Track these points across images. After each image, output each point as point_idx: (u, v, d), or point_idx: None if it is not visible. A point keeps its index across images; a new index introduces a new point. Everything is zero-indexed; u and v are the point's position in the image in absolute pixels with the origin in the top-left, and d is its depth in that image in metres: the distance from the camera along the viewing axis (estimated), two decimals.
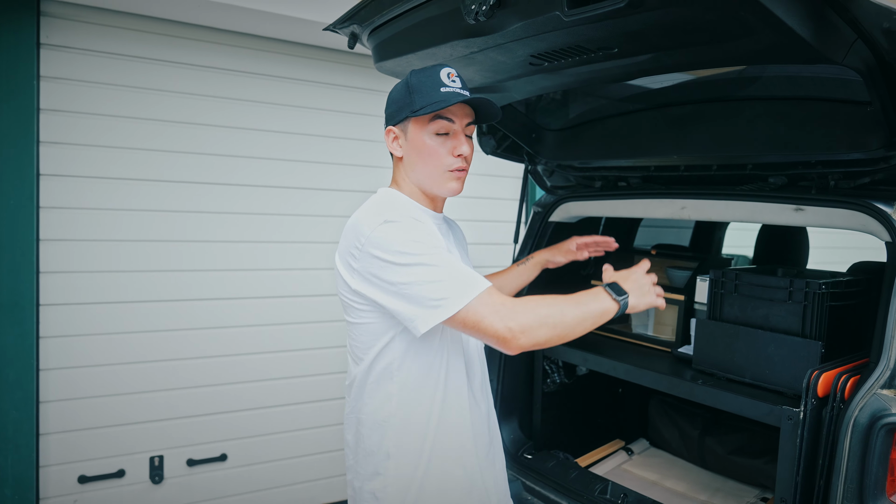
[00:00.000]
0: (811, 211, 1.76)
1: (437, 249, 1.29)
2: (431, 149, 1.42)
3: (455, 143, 1.42)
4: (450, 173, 1.43)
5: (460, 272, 1.28)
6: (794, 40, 1.21)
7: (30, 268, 2.65)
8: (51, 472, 2.78)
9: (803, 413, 1.54)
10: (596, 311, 1.35)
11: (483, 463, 1.52)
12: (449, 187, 1.45)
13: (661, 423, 2.57)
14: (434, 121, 1.41)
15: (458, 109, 1.42)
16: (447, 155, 1.42)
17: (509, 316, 1.24)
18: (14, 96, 2.58)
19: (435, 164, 1.42)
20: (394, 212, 1.33)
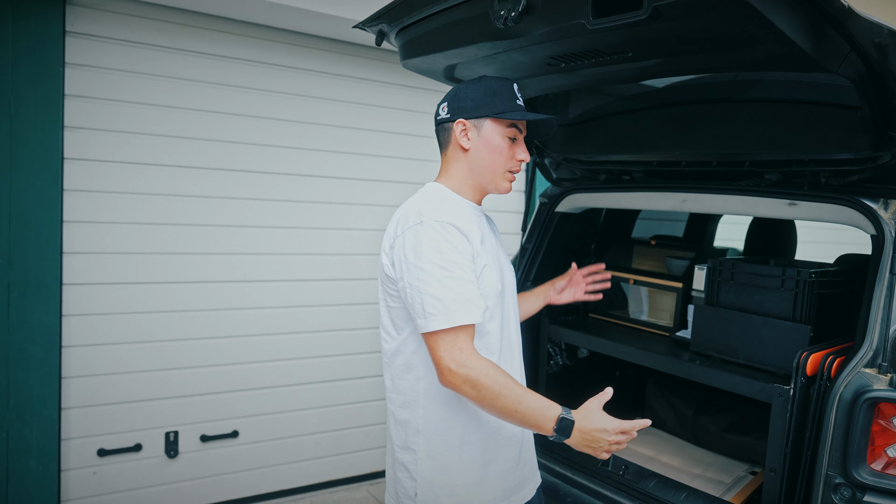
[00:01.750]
0: (803, 206, 1.90)
1: (452, 264, 1.39)
2: (501, 149, 1.56)
3: (519, 150, 1.58)
4: (508, 174, 1.60)
5: (465, 294, 1.39)
6: (794, 51, 1.34)
7: (55, 248, 2.75)
8: (72, 445, 2.89)
9: (793, 390, 1.69)
10: (529, 422, 1.38)
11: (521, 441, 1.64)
12: (503, 186, 1.60)
13: (657, 404, 2.72)
14: (510, 126, 1.57)
15: (522, 123, 1.60)
16: (511, 158, 1.58)
17: (460, 362, 1.36)
18: (41, 82, 2.67)
19: (500, 163, 1.57)
20: (434, 211, 1.45)
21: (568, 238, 2.66)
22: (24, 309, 2.69)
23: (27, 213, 2.68)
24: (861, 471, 1.51)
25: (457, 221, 1.44)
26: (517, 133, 1.58)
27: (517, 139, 1.59)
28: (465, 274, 1.41)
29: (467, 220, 1.49)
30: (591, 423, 1.36)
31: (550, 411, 1.37)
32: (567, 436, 1.36)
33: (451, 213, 1.47)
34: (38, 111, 2.68)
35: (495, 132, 1.56)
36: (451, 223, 1.43)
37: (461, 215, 1.49)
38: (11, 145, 2.63)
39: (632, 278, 2.57)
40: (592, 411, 1.38)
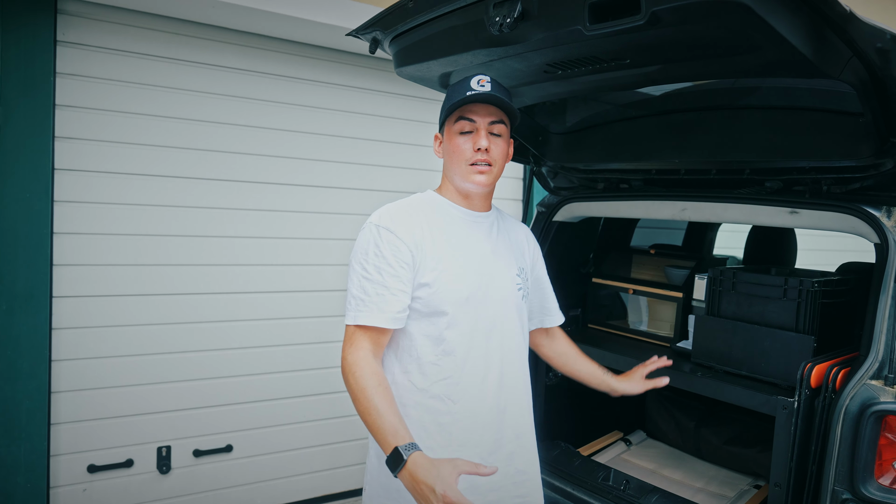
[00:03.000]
0: (805, 214, 1.87)
1: (373, 267, 1.44)
2: (456, 146, 1.54)
3: (476, 139, 1.52)
4: (471, 167, 1.53)
5: (373, 297, 1.43)
6: (795, 57, 1.32)
7: (44, 260, 2.70)
8: (61, 461, 2.83)
9: (797, 403, 1.65)
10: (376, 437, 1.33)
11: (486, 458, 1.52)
12: (473, 180, 1.54)
13: (658, 415, 2.68)
14: (458, 121, 1.54)
15: (480, 109, 1.53)
16: (469, 150, 1.53)
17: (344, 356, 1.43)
18: (32, 92, 2.63)
19: (459, 160, 1.54)
20: (381, 215, 1.50)
21: (566, 248, 2.63)
22: (12, 322, 2.64)
23: (16, 224, 2.63)
24: (869, 486, 1.47)
25: (397, 226, 1.47)
26: (468, 124, 1.53)
27: (474, 131, 1.54)
28: (382, 278, 1.44)
29: (421, 226, 1.50)
30: (422, 475, 1.21)
31: (392, 439, 1.28)
32: (394, 471, 1.26)
33: (398, 216, 1.50)
34: (29, 121, 2.64)
35: (450, 132, 1.57)
36: (388, 227, 1.47)
37: (414, 220, 1.50)
38: (1, 156, 2.58)
39: (631, 288, 2.53)
40: (438, 468, 1.21)
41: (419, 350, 1.50)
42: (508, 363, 1.60)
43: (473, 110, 1.53)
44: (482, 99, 1.51)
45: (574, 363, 1.93)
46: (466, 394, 1.51)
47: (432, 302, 1.48)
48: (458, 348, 1.50)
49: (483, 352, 1.54)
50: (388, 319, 1.44)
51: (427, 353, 1.50)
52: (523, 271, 1.68)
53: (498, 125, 1.55)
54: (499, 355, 1.57)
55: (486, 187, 1.57)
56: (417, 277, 1.47)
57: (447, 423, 1.49)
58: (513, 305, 1.62)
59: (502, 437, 1.57)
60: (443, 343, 1.50)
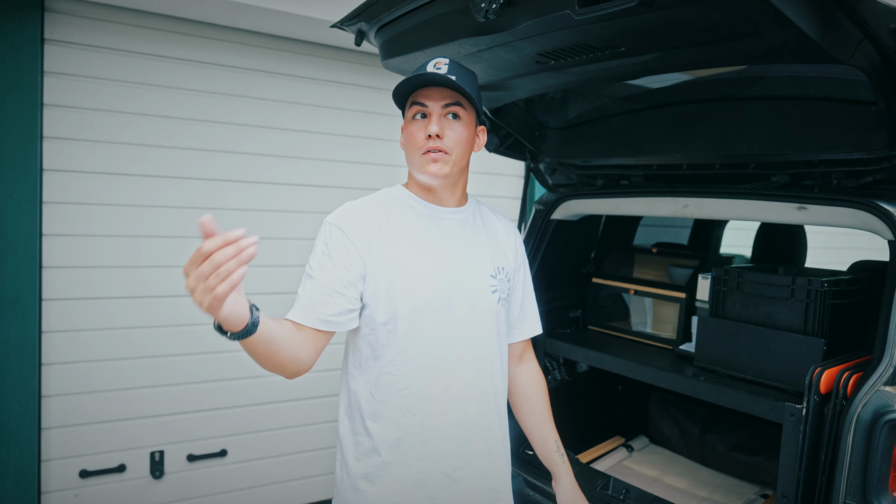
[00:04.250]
0: (814, 210, 1.77)
1: (317, 265, 1.36)
2: (409, 133, 1.43)
3: (426, 125, 1.39)
4: (424, 156, 1.40)
5: (310, 295, 1.34)
6: (801, 40, 1.23)
7: (33, 263, 2.65)
8: (52, 466, 2.78)
9: (806, 409, 1.55)
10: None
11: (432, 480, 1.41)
12: (427, 170, 1.40)
13: (661, 421, 2.59)
14: (411, 107, 1.43)
15: (433, 94, 1.40)
16: (421, 137, 1.40)
17: None
18: (18, 91, 2.58)
19: (413, 149, 1.42)
20: (337, 213, 1.41)
21: (565, 247, 2.54)
22: (0, 326, 2.59)
23: (4, 226, 2.58)
24: (882, 499, 1.38)
25: (350, 226, 1.38)
26: (422, 109, 1.40)
27: (428, 116, 1.40)
28: (324, 278, 1.35)
29: (378, 226, 1.40)
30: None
31: None
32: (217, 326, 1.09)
33: (354, 216, 1.41)
34: (15, 121, 2.58)
35: (406, 120, 1.45)
36: (340, 227, 1.38)
37: (371, 219, 1.41)
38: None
39: (632, 288, 2.44)
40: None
41: (378, 359, 1.40)
42: (480, 371, 1.47)
43: (425, 94, 1.40)
44: (433, 81, 1.37)
45: (531, 415, 1.67)
46: (427, 406, 1.39)
47: (388, 308, 1.37)
48: (417, 356, 1.39)
49: (446, 360, 1.41)
50: (319, 321, 1.33)
51: (386, 363, 1.39)
52: (503, 271, 1.54)
53: (454, 107, 1.41)
54: (467, 364, 1.44)
55: (443, 178, 1.42)
56: (370, 282, 1.37)
57: (409, 436, 1.40)
58: (485, 309, 1.48)
59: (470, 452, 1.45)
60: (401, 351, 1.39)
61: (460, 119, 1.42)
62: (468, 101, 1.43)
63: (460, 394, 1.43)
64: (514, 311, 1.64)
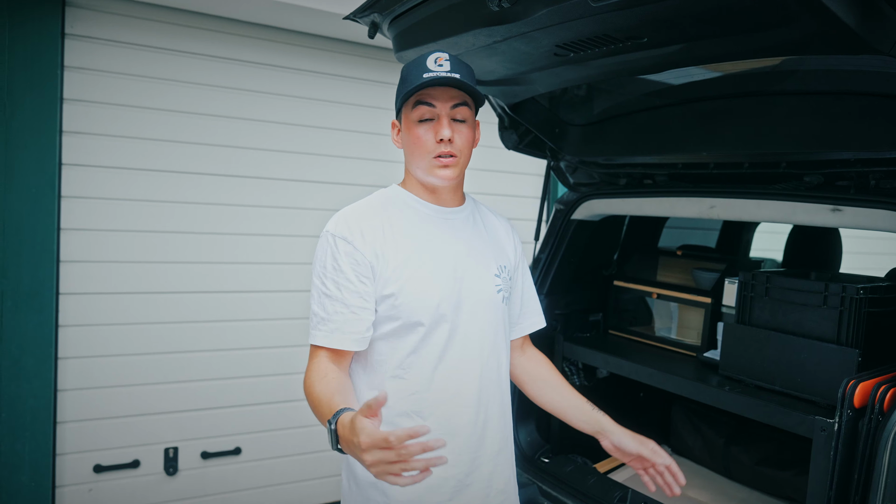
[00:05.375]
0: (849, 212, 1.67)
1: (332, 282, 1.32)
2: (416, 136, 1.37)
3: (439, 129, 1.35)
4: (435, 160, 1.36)
5: (329, 316, 1.32)
6: (837, 29, 1.14)
7: (50, 257, 2.66)
8: (67, 461, 2.79)
9: (838, 424, 1.46)
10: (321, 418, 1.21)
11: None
12: (438, 174, 1.37)
13: (684, 430, 2.49)
14: (416, 108, 1.36)
15: (440, 94, 1.35)
16: (431, 141, 1.36)
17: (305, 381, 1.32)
18: (38, 87, 2.59)
19: (421, 152, 1.37)
20: (337, 221, 1.36)
21: (586, 248, 2.46)
22: (17, 319, 2.60)
23: (22, 220, 2.59)
24: None
25: (354, 235, 1.33)
26: (430, 110, 1.35)
27: (436, 118, 1.35)
28: (342, 295, 1.31)
29: (382, 230, 1.35)
30: (348, 435, 1.05)
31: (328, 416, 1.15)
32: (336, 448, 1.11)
33: (355, 223, 1.35)
34: (35, 116, 2.60)
35: (407, 122, 1.39)
36: (344, 237, 1.33)
37: (373, 224, 1.36)
38: (7, 151, 2.55)
39: (655, 292, 2.35)
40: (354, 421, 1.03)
41: (386, 364, 1.36)
42: (487, 372, 1.43)
43: (432, 94, 1.36)
44: (442, 82, 1.33)
45: (553, 391, 1.59)
46: (438, 410, 1.36)
47: (399, 313, 1.34)
48: (428, 361, 1.35)
49: (457, 363, 1.38)
50: (352, 341, 1.32)
51: (393, 367, 1.35)
52: (505, 270, 1.50)
53: (461, 109, 1.37)
54: (477, 365, 1.41)
55: (453, 181, 1.40)
56: (380, 289, 1.33)
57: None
58: (491, 309, 1.45)
59: (481, 456, 1.42)
60: (411, 355, 1.35)
61: (466, 121, 1.39)
62: (472, 100, 1.40)
63: (472, 396, 1.40)
64: (515, 307, 1.60)
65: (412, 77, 1.35)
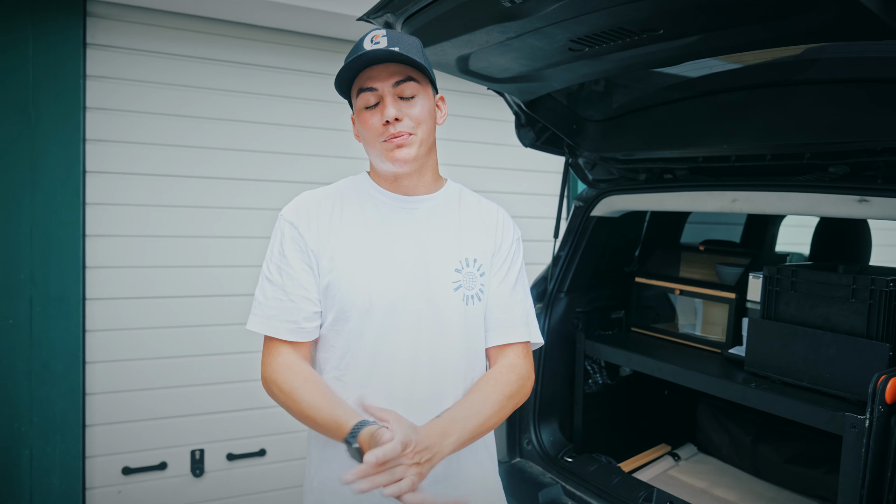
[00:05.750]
0: (877, 202, 1.63)
1: (275, 266, 1.28)
2: (364, 122, 1.26)
3: (382, 109, 1.23)
4: (384, 144, 1.24)
5: (268, 302, 1.27)
6: (860, 14, 1.11)
7: (76, 263, 2.70)
8: (96, 463, 2.83)
9: (869, 421, 1.42)
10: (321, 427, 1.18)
11: None
12: (394, 157, 1.24)
13: (710, 428, 2.45)
14: (359, 95, 1.25)
15: (378, 73, 1.22)
16: (378, 125, 1.24)
17: (263, 375, 1.27)
18: (61, 96, 2.64)
19: (370, 138, 1.26)
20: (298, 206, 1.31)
21: (606, 245, 2.43)
22: (46, 324, 2.65)
23: (49, 227, 2.64)
24: None
25: (301, 219, 1.28)
26: (370, 94, 1.23)
27: (380, 101, 1.23)
28: (283, 281, 1.26)
29: (330, 217, 1.29)
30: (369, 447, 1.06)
31: (338, 433, 1.13)
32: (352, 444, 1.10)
33: (306, 207, 1.30)
34: (59, 125, 2.64)
35: (356, 109, 1.28)
36: (291, 221, 1.28)
37: (323, 210, 1.30)
38: (32, 159, 2.60)
39: (678, 288, 2.32)
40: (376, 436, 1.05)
41: (327, 362, 1.29)
42: (443, 379, 1.28)
43: (371, 76, 1.23)
44: (375, 58, 1.20)
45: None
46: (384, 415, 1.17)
47: (331, 305, 1.26)
48: (363, 362, 1.26)
49: (394, 368, 1.25)
50: (287, 330, 1.25)
51: (334, 367, 1.28)
52: (473, 263, 1.33)
53: (407, 84, 1.24)
54: (425, 371, 1.26)
55: (412, 162, 1.26)
56: (320, 279, 1.26)
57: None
58: (446, 308, 1.29)
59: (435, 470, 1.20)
60: (346, 354, 1.27)
61: (417, 95, 1.26)
62: (420, 71, 1.26)
63: (416, 405, 1.24)
64: (492, 310, 1.36)
65: (350, 63, 1.22)
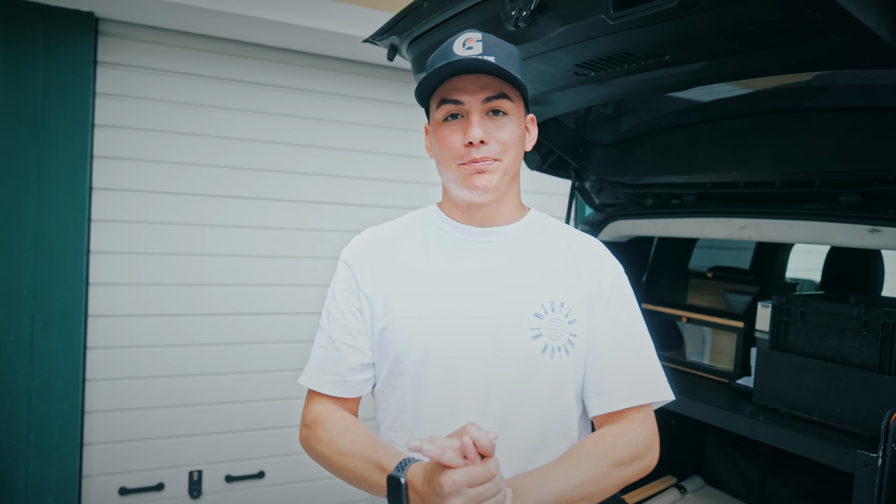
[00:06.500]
0: (889, 232, 1.59)
1: (327, 314, 1.17)
2: (442, 139, 1.09)
3: (468, 129, 1.06)
4: (462, 168, 1.07)
5: (315, 353, 1.17)
6: (871, 42, 1.08)
7: (79, 279, 2.70)
8: (93, 483, 2.80)
9: (882, 459, 1.36)
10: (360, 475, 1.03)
11: None
12: (471, 184, 1.07)
13: (717, 460, 2.38)
14: (440, 106, 1.08)
15: (468, 84, 1.06)
16: (458, 144, 1.07)
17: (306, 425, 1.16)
18: (70, 112, 2.65)
19: (447, 158, 1.09)
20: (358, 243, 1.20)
21: None
22: (47, 341, 2.64)
23: (53, 243, 2.64)
24: None
25: (357, 259, 1.16)
26: (454, 107, 1.07)
27: (464, 115, 1.07)
28: (330, 328, 1.15)
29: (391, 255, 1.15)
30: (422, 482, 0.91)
31: (379, 476, 0.98)
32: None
33: (366, 245, 1.18)
34: (66, 141, 2.66)
35: (433, 121, 1.11)
36: (348, 261, 1.17)
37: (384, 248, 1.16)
38: (39, 175, 2.61)
39: (685, 315, 2.27)
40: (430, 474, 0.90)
41: (381, 421, 1.17)
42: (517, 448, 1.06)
43: (458, 86, 1.06)
44: (466, 68, 1.04)
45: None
46: None
47: (385, 357, 1.11)
48: (418, 420, 1.08)
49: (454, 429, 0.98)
50: (329, 383, 1.12)
51: (387, 427, 1.15)
52: (561, 308, 1.09)
53: (499, 101, 1.07)
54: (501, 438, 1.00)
55: (493, 192, 1.09)
56: (374, 324, 1.12)
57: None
58: (521, 363, 1.06)
59: None
60: (401, 414, 1.10)
61: (509, 114, 1.09)
62: (515, 87, 1.09)
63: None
64: (593, 368, 1.12)
65: (432, 66, 1.08)
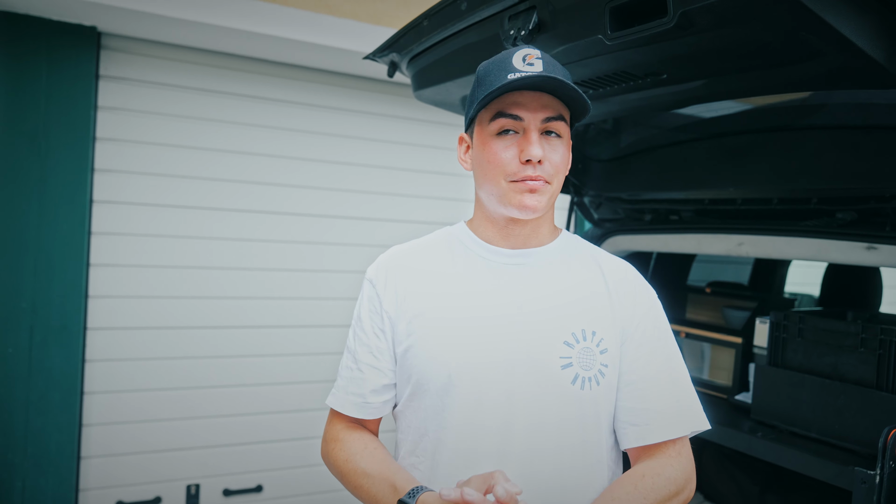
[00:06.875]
0: (886, 250, 1.60)
1: (353, 334, 1.18)
2: (492, 154, 1.05)
3: (525, 145, 1.03)
4: (514, 185, 1.04)
5: (340, 374, 1.19)
6: (865, 63, 1.10)
7: (79, 292, 2.70)
8: (90, 496, 2.78)
9: (880, 477, 1.36)
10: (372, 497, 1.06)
11: None
12: (521, 203, 1.04)
13: (716, 476, 2.37)
14: (495, 119, 1.05)
15: (529, 101, 1.03)
16: (512, 160, 1.04)
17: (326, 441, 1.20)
18: (72, 125, 2.67)
19: (496, 173, 1.06)
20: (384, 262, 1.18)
21: None
22: (45, 354, 2.64)
23: (53, 256, 2.65)
24: None
25: (382, 278, 1.15)
26: (512, 123, 1.04)
27: (521, 132, 1.05)
28: (355, 349, 1.16)
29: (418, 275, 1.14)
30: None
31: (392, 497, 1.00)
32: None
33: (392, 264, 1.17)
34: (68, 154, 2.67)
35: (483, 133, 1.08)
36: (372, 280, 1.16)
37: (411, 267, 1.15)
38: (40, 187, 2.62)
39: (683, 331, 2.28)
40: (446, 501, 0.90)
41: (402, 443, 1.15)
42: (542, 480, 1.03)
43: (519, 101, 1.03)
44: (535, 84, 1.01)
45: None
46: None
47: (408, 379, 1.10)
48: (439, 448, 1.06)
49: (475, 458, 1.03)
50: (352, 405, 1.13)
51: (408, 451, 1.13)
52: (593, 337, 1.07)
53: (557, 123, 1.05)
54: (515, 469, 1.01)
55: (539, 212, 1.07)
56: (396, 345, 1.12)
57: None
58: (550, 393, 1.04)
59: None
60: (423, 438, 1.09)
61: (561, 137, 1.08)
62: (569, 111, 1.10)
63: None
64: (628, 399, 1.09)
65: (492, 77, 1.03)
